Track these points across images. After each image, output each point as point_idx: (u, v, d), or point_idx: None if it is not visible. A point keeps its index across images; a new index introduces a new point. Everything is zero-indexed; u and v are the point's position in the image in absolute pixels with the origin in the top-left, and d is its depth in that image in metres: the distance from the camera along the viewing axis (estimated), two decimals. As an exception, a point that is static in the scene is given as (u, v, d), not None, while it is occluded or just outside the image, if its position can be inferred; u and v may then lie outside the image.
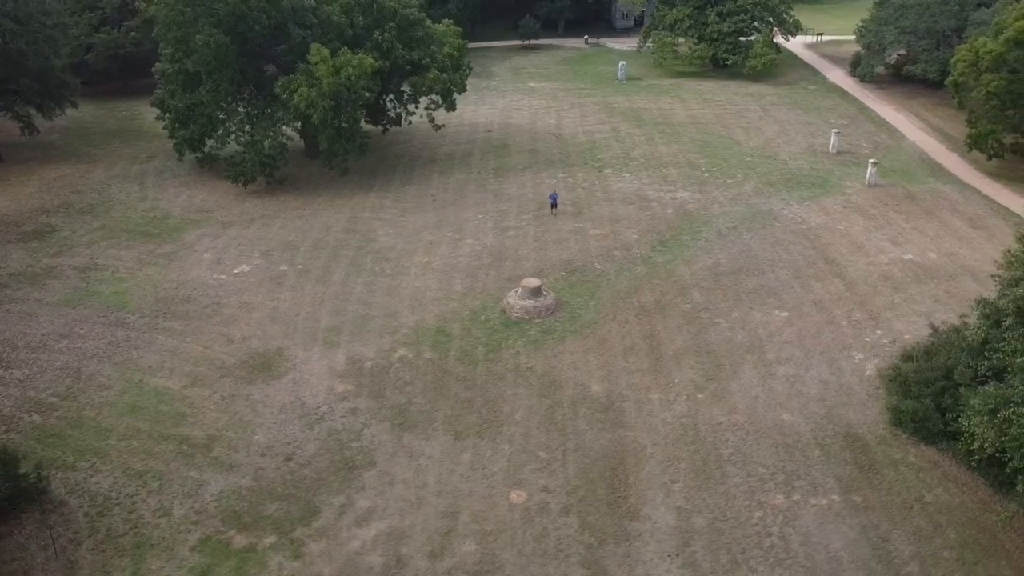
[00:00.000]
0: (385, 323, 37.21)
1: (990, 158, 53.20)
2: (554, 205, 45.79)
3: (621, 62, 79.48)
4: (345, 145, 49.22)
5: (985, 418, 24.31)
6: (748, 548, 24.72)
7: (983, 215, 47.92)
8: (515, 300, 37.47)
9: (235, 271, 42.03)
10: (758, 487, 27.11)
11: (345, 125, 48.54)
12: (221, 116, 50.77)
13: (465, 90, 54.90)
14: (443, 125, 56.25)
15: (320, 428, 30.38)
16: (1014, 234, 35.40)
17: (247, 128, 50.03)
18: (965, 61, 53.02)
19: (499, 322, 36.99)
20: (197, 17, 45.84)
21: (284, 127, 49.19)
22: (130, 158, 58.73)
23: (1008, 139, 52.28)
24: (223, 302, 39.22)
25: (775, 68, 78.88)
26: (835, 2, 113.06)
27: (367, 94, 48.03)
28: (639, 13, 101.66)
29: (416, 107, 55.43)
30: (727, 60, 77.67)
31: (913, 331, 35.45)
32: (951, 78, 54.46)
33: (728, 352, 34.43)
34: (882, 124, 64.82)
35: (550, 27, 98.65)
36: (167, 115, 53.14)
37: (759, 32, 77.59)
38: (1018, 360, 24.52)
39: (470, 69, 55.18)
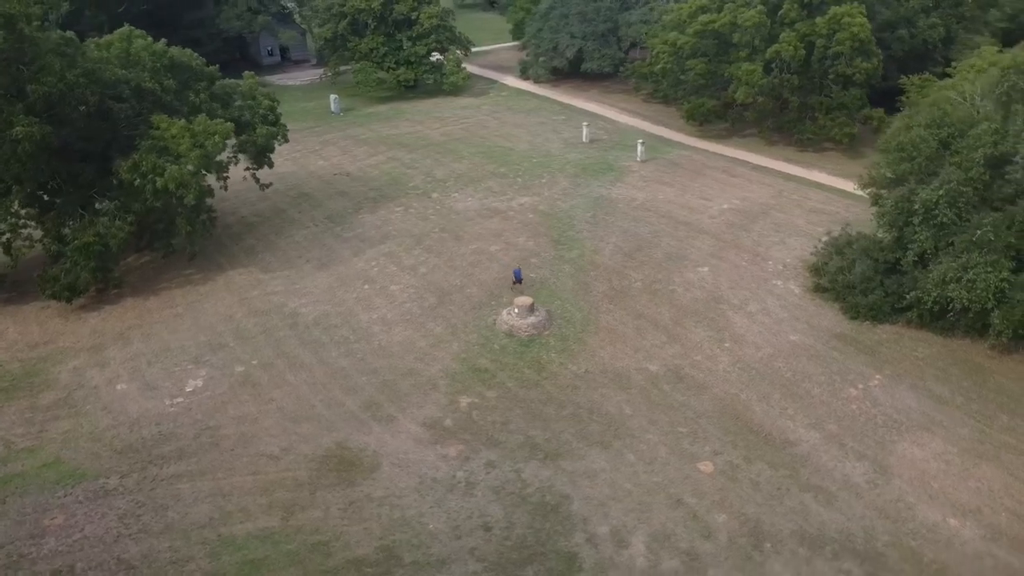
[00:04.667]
0: (414, 382, 35.76)
1: (701, 124, 67.98)
2: (519, 280, 43.05)
3: (332, 95, 79.53)
4: (194, 225, 43.38)
5: (954, 284, 34.87)
6: (874, 429, 31.89)
7: (728, 166, 61.79)
8: (518, 321, 38.95)
9: (187, 390, 35.48)
10: (831, 390, 34.41)
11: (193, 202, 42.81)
12: (14, 223, 40.62)
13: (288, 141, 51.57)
14: (270, 184, 51.97)
15: (481, 491, 29.34)
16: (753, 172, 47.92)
17: (65, 231, 40.95)
18: (666, 52, 66.70)
19: (517, 344, 38.22)
20: (-3, 106, 36.07)
21: (124, 218, 41.22)
22: None
23: (711, 106, 67.32)
24: (212, 424, 33.31)
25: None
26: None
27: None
28: (284, 47, 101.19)
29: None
30: (428, 80, 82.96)
31: (791, 254, 46.23)
32: (659, 66, 67.71)
33: (706, 308, 41.02)
34: (590, 114, 76.73)
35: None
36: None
37: (447, 52, 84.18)
38: (958, 238, 35.57)
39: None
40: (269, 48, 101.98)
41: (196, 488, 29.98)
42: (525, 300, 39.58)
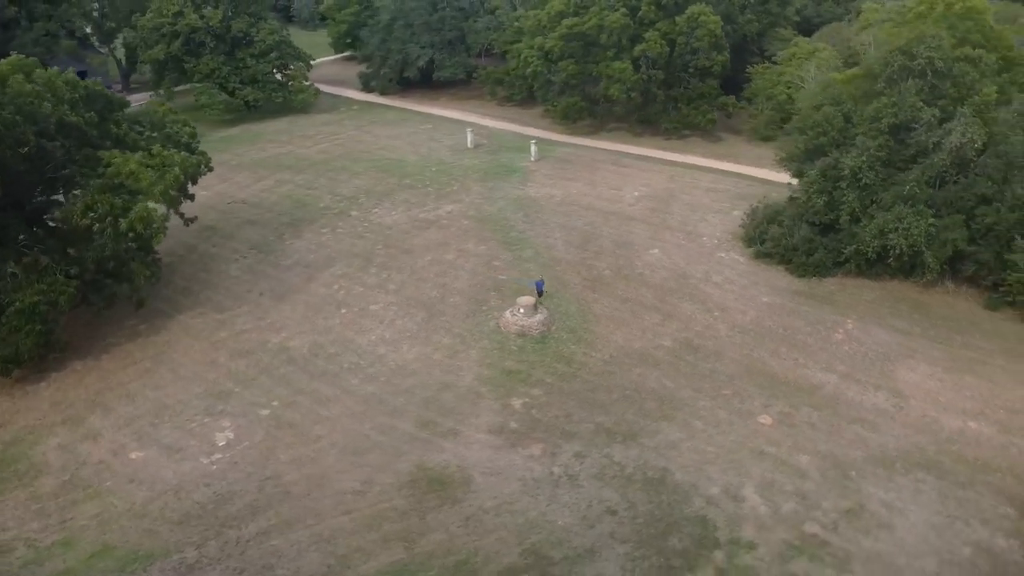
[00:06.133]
0: (455, 394, 35.46)
1: (575, 121, 71.97)
2: (540, 293, 42.57)
3: (179, 122, 73.26)
4: (152, 269, 39.26)
5: (892, 234, 41.21)
6: (872, 363, 37.02)
7: (613, 158, 66.17)
8: (526, 320, 39.74)
9: (221, 444, 32.39)
10: (821, 337, 39.24)
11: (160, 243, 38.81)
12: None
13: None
14: (196, 218, 47.20)
15: (586, 480, 30.27)
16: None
17: (-3, 294, 35.21)
18: (535, 57, 69.85)
19: (533, 343, 39.05)
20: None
21: (66, 271, 36.19)
22: None
23: (581, 104, 71.46)
24: (270, 474, 30.90)
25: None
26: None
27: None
28: (83, 73, 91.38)
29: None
30: (278, 98, 79.25)
31: (716, 229, 51.22)
32: (530, 69, 70.59)
33: (678, 285, 44.45)
34: (454, 121, 77.80)
35: None
36: None
37: (290, 68, 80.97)
38: (885, 194, 42.02)
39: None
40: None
41: (292, 540, 27.85)
42: (528, 300, 40.48)
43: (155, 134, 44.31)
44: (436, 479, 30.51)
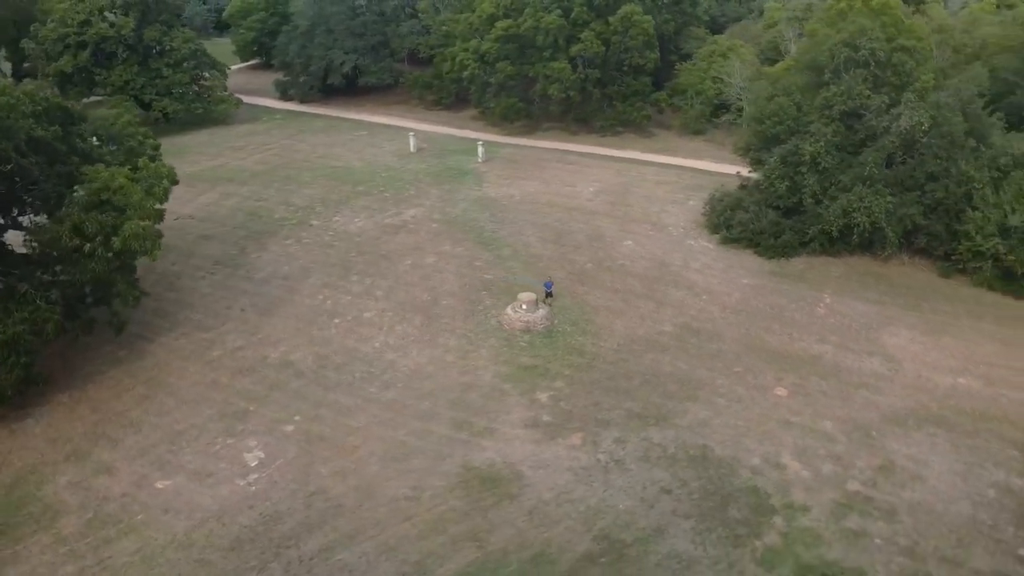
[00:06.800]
0: (480, 393, 35.37)
1: (513, 122, 72.69)
2: (549, 294, 42.46)
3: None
4: (138, 290, 37.02)
5: (856, 213, 44.28)
6: (858, 332, 39.67)
7: (558, 156, 67.34)
8: (530, 316, 40.02)
9: (253, 464, 30.96)
10: (805, 312, 41.66)
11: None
12: None
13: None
14: (162, 234, 44.36)
15: (633, 464, 30.99)
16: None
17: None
18: (471, 60, 70.13)
19: (540, 337, 39.41)
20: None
21: (46, 296, 33.49)
22: None
23: (518, 105, 72.27)
24: (315, 489, 29.86)
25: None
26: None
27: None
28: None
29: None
30: (198, 109, 75.70)
31: (678, 219, 53.28)
32: (467, 72, 70.73)
33: (661, 273, 45.95)
34: (387, 126, 76.90)
35: None
36: None
37: (206, 78, 77.58)
38: (845, 176, 45.08)
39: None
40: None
41: (358, 553, 27.10)
42: (530, 296, 40.79)
43: (115, 147, 41.81)
44: (486, 477, 30.40)
